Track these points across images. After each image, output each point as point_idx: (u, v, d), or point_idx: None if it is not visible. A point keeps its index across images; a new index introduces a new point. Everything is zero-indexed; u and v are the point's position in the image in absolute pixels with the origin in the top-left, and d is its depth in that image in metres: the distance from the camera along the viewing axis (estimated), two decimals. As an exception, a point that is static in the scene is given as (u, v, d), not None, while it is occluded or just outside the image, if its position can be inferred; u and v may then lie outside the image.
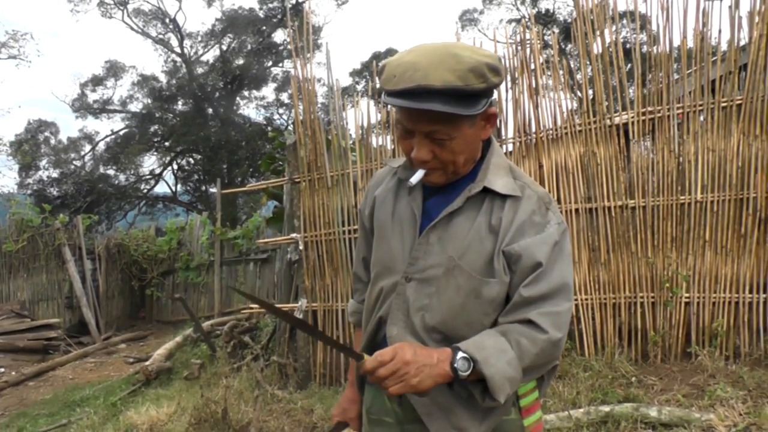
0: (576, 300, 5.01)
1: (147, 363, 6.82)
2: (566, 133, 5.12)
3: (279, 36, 22.69)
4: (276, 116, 24.14)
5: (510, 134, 5.45)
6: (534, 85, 5.26)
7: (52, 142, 23.08)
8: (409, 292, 1.51)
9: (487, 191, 1.47)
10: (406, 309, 1.51)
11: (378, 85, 1.35)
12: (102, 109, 23.34)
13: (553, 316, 1.41)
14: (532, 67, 5.24)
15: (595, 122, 5.01)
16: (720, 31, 4.72)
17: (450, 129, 1.37)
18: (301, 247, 5.54)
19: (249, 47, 22.15)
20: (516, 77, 5.33)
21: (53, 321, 10.24)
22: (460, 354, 1.33)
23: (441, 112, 1.32)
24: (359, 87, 22.90)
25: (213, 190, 20.99)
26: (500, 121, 5.52)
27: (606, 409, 3.85)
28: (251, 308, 6.86)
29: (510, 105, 5.38)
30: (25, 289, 11.21)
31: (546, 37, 13.92)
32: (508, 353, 1.36)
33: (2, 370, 8.37)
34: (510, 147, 5.47)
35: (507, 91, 5.36)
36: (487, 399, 1.37)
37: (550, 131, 5.19)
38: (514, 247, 1.42)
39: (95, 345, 9.95)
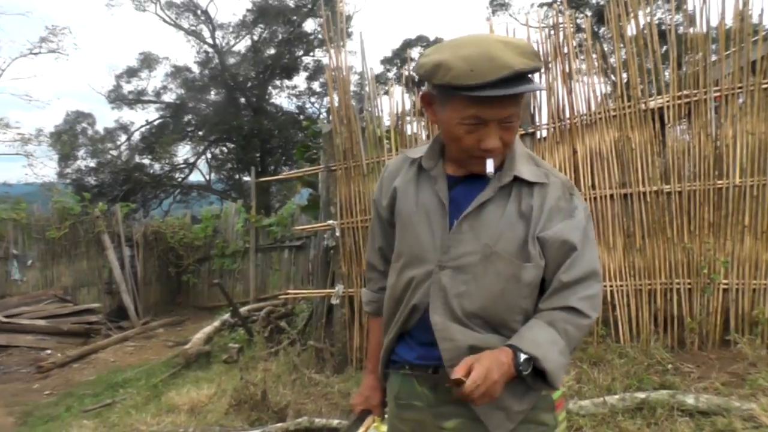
0: (611, 286, 4.99)
1: (186, 347, 6.99)
2: (600, 119, 5.08)
3: (309, 25, 22.76)
4: (308, 105, 24.26)
5: (544, 120, 5.43)
6: (567, 70, 5.23)
7: (90, 132, 23.53)
8: (444, 280, 1.54)
9: (514, 179, 1.53)
10: (444, 296, 1.54)
11: (448, 82, 1.34)
12: (137, 99, 23.69)
13: (591, 299, 1.50)
14: (565, 51, 5.20)
15: (629, 107, 4.96)
16: (762, 10, 4.63)
17: (519, 111, 1.48)
18: (337, 234, 5.60)
19: (280, 37, 22.24)
20: (549, 62, 5.30)
21: (94, 306, 10.52)
22: (523, 356, 1.41)
23: (520, 96, 1.44)
24: (390, 75, 22.85)
25: (246, 178, 21.19)
26: (534, 107, 5.50)
27: (641, 395, 3.83)
28: (287, 294, 6.98)
29: (543, 91, 5.36)
30: (67, 274, 11.49)
31: (578, 21, 13.76)
32: (559, 343, 1.45)
33: (49, 352, 8.64)
34: (544, 133, 5.45)
35: (540, 76, 5.34)
36: (542, 385, 1.48)
37: (584, 117, 5.16)
38: (548, 233, 1.49)
39: (134, 329, 10.21)
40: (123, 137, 23.85)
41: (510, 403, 1.52)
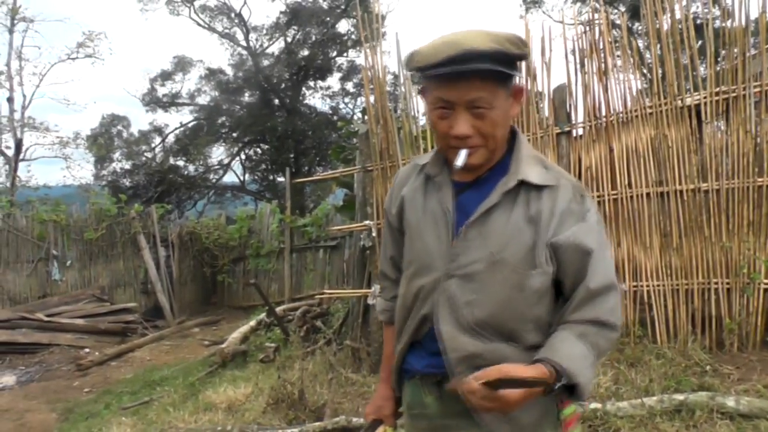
0: (648, 286, 4.93)
1: (223, 346, 7.07)
2: (636, 116, 5.02)
3: (343, 26, 22.85)
4: (342, 105, 24.37)
5: (580, 118, 5.38)
6: (603, 67, 5.17)
7: (125, 135, 23.95)
8: (452, 289, 1.51)
9: (521, 183, 1.49)
10: (452, 305, 1.52)
11: (414, 67, 1.35)
12: (171, 102, 24.04)
13: (616, 310, 1.50)
14: (601, 47, 5.15)
15: (665, 104, 4.90)
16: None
17: (491, 97, 1.42)
18: (374, 234, 5.61)
19: (313, 38, 22.38)
20: (584, 59, 5.26)
21: (131, 305, 10.71)
22: (563, 379, 1.37)
23: (485, 79, 1.40)
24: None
25: (280, 179, 21.38)
26: (570, 105, 5.45)
27: (680, 397, 3.78)
28: (323, 294, 7.03)
29: (579, 88, 5.31)
30: (104, 275, 11.70)
31: (613, 17, 13.58)
32: (589, 358, 1.43)
33: (87, 350, 8.82)
34: (580, 131, 5.40)
35: (576, 74, 5.29)
36: (567, 396, 1.47)
37: (621, 114, 5.10)
38: (560, 238, 1.46)
39: (170, 328, 10.37)
40: (158, 139, 24.25)
41: (518, 413, 1.44)
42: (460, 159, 1.44)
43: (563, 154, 5.47)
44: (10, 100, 21.12)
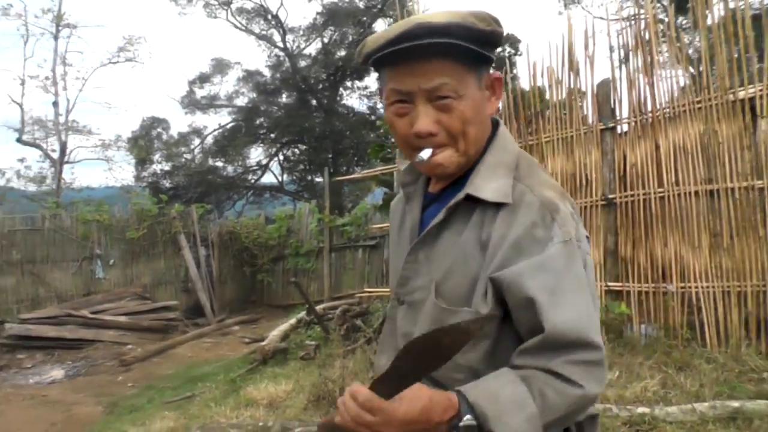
0: (696, 287, 4.81)
1: (263, 343, 7.11)
2: (684, 111, 4.90)
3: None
4: (379, 105, 24.38)
5: (624, 114, 5.28)
6: (649, 61, 5.06)
7: (164, 137, 24.30)
8: (399, 317, 1.31)
9: (474, 199, 1.19)
10: (393, 335, 1.34)
11: (363, 54, 1.17)
12: (209, 104, 24.34)
13: (588, 366, 1.09)
14: (647, 39, 5.04)
15: (716, 98, 4.77)
16: None
17: (457, 84, 1.15)
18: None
19: (350, 38, 22.40)
20: (629, 54, 5.16)
21: (172, 303, 10.85)
22: (467, 418, 1.04)
23: (447, 61, 1.14)
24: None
25: (319, 179, 21.46)
26: (614, 101, 5.35)
27: (735, 404, 3.66)
28: (363, 293, 7.03)
29: (624, 84, 5.21)
30: (146, 273, 11.87)
31: (657, 10, 13.27)
32: (527, 407, 1.06)
33: (130, 346, 8.97)
34: (625, 128, 5.30)
35: (620, 68, 5.20)
36: None
37: (667, 109, 4.99)
38: (504, 273, 1.11)
39: (210, 326, 10.48)
40: (196, 141, 24.56)
41: None
42: (424, 154, 1.18)
43: (607, 150, 5.38)
44: (55, 104, 21.70)
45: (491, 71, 1.25)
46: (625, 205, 5.28)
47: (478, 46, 1.15)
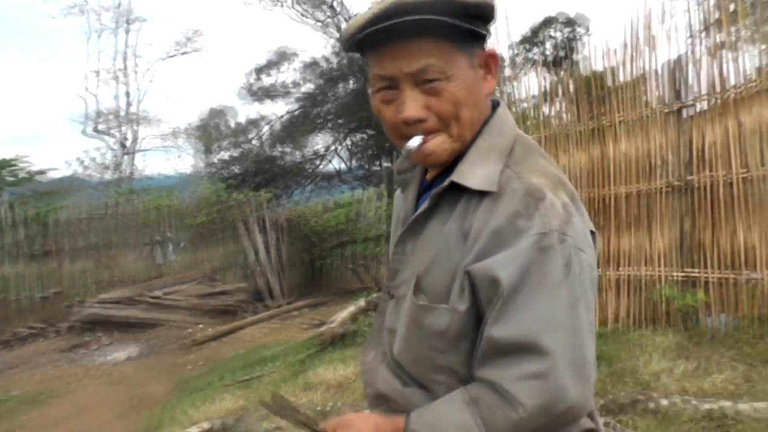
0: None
1: (329, 326, 7.15)
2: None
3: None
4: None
5: (703, 91, 5.03)
6: (729, 35, 4.80)
7: (231, 125, 24.81)
8: (388, 311, 1.25)
9: (459, 187, 1.10)
10: (380, 330, 1.28)
11: (342, 39, 1.12)
12: (273, 92, 24.62)
13: (534, 379, 0.97)
14: (726, 11, 4.78)
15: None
16: None
17: (445, 64, 1.07)
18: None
19: (413, 22, 22.27)
20: (708, 29, 4.90)
21: (239, 286, 11.07)
22: None
23: (433, 39, 1.05)
24: (530, 55, 22.22)
25: (386, 164, 21.48)
26: (690, 78, 5.10)
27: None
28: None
29: (704, 59, 4.96)
30: (213, 257, 12.14)
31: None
32: None
33: (200, 326, 9.20)
34: (703, 106, 5.05)
35: (698, 44, 4.95)
36: None
37: (751, 84, 4.71)
38: (477, 267, 1.02)
39: (276, 309, 10.62)
40: (261, 128, 24.92)
41: None
42: (413, 142, 1.10)
43: (684, 130, 5.14)
44: (126, 94, 22.46)
45: (486, 48, 1.15)
46: (703, 187, 5.03)
47: (463, 21, 1.05)
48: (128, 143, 22.41)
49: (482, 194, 1.06)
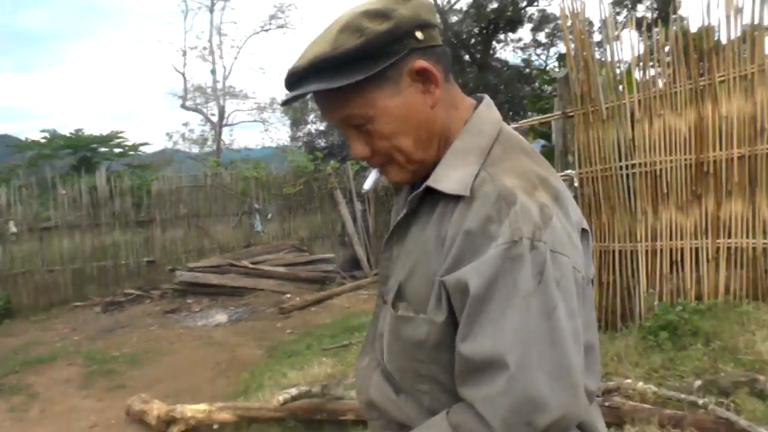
0: None
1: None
2: None
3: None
4: (534, 57, 23.49)
5: None
6: None
7: (318, 98, 25.13)
8: (381, 317, 1.21)
9: (434, 191, 1.05)
10: (373, 337, 1.25)
11: None
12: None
13: (507, 397, 0.91)
14: None
15: None
16: None
17: (359, 108, 1.04)
18: (576, 184, 5.25)
19: (502, -10, 21.64)
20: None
21: (328, 256, 11.15)
22: None
23: (339, 92, 1.02)
24: (620, 18, 21.20)
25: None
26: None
27: None
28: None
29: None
30: (303, 227, 12.27)
31: None
32: None
33: (288, 295, 9.34)
34: None
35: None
36: None
37: None
38: (451, 276, 0.97)
39: (367, 279, 10.62)
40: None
41: None
42: (367, 183, 1.18)
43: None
44: (213, 71, 23.00)
45: (415, 58, 1.04)
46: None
47: (350, 71, 1.00)
48: (216, 118, 23.00)
49: (458, 198, 1.02)
